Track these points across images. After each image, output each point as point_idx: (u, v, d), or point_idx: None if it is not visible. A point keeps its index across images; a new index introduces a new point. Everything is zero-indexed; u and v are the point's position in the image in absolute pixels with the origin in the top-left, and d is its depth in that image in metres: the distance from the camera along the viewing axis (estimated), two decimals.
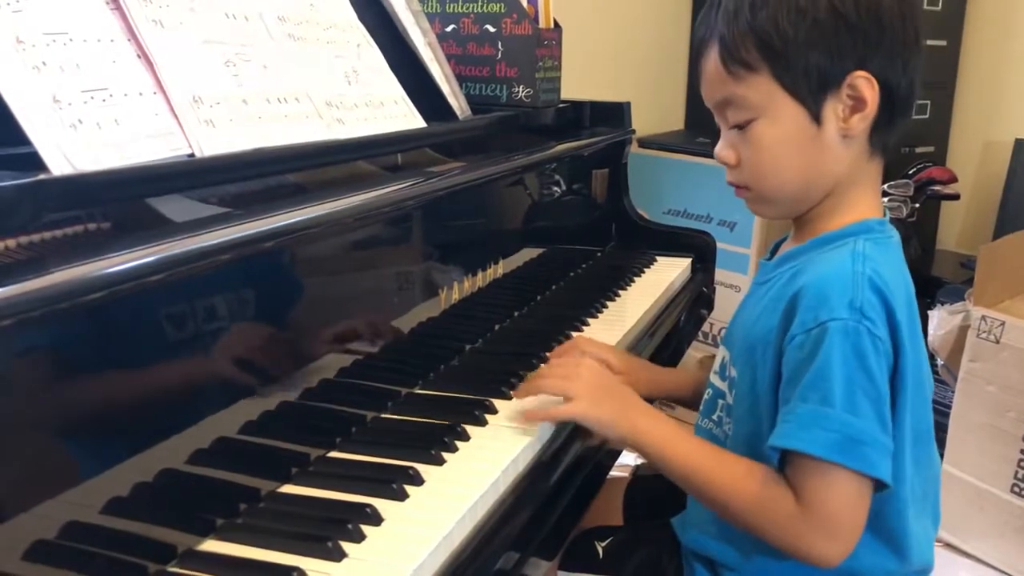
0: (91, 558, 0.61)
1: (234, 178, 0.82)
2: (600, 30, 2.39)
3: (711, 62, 0.85)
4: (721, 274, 2.07)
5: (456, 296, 1.08)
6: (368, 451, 0.84)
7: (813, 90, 0.81)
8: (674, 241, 1.64)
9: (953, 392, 1.88)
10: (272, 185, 0.87)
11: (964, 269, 2.45)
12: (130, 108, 0.73)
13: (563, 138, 1.43)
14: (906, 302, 0.81)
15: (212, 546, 0.69)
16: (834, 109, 0.82)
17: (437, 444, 0.84)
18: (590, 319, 1.26)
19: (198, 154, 0.77)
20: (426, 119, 1.10)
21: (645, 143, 2.52)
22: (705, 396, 0.98)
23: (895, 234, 0.87)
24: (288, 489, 0.78)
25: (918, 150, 2.56)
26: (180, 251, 0.66)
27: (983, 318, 1.79)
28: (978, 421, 1.82)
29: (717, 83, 0.85)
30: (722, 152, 0.88)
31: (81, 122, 0.68)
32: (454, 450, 0.85)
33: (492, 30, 1.41)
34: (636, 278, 1.47)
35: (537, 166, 1.35)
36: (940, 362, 1.94)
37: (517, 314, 1.26)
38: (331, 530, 0.70)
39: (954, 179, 2.44)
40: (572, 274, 1.47)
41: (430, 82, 1.24)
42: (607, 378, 0.93)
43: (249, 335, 0.76)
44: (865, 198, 0.87)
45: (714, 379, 0.96)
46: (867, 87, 0.80)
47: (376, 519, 0.72)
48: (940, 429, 1.27)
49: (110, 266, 0.60)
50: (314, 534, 0.69)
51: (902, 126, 0.85)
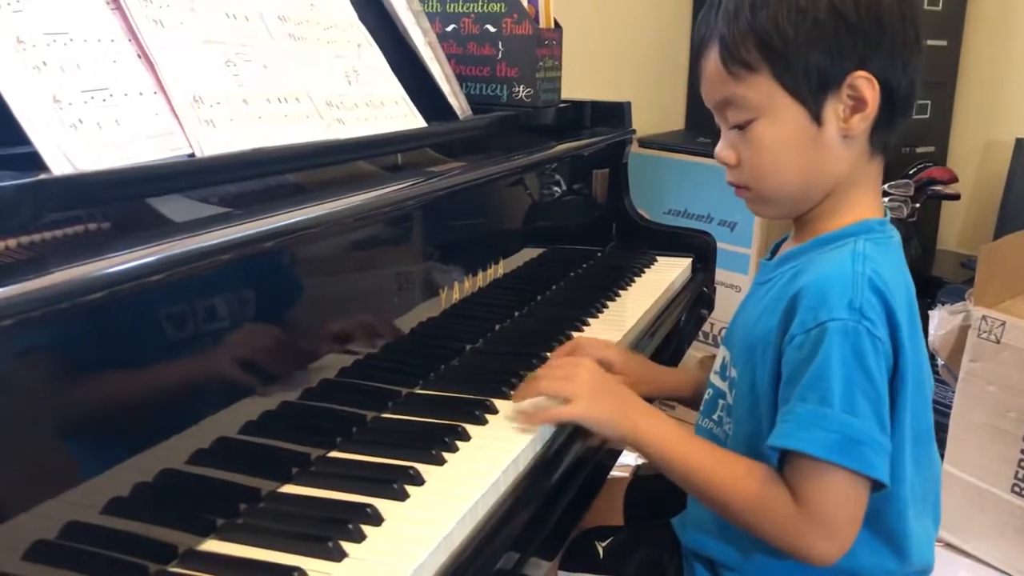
0: (92, 558, 0.61)
1: (234, 178, 0.82)
2: (600, 30, 2.39)
3: (711, 62, 0.85)
4: (721, 274, 2.07)
5: (456, 296, 1.08)
6: (368, 451, 0.84)
7: (813, 90, 0.81)
8: (674, 241, 1.64)
9: (953, 392, 1.88)
10: (272, 185, 0.87)
11: (965, 269, 2.44)
12: (130, 108, 0.73)
13: (563, 138, 1.42)
14: (906, 302, 0.81)
15: (213, 546, 0.69)
16: (834, 109, 0.82)
17: (437, 444, 0.84)
18: (590, 319, 1.26)
19: (198, 154, 0.77)
20: (426, 119, 1.10)
21: (645, 143, 2.52)
22: (705, 396, 0.98)
23: (896, 234, 0.87)
24: (288, 489, 0.78)
25: (919, 150, 2.55)
26: (180, 251, 0.66)
27: (984, 318, 1.79)
28: (978, 421, 1.82)
29: (717, 83, 0.85)
30: (722, 152, 0.88)
31: (81, 122, 0.68)
32: (454, 450, 0.85)
33: (492, 30, 1.41)
34: (636, 278, 1.47)
35: (537, 166, 1.35)
36: (941, 362, 1.94)
37: (517, 314, 1.26)
38: (331, 530, 0.70)
39: (955, 179, 2.43)
40: (572, 274, 1.47)
41: (430, 82, 1.24)
42: (606, 378, 0.93)
43: (249, 335, 0.76)
44: (865, 198, 0.87)
45: (714, 379, 0.96)
46: (867, 87, 0.80)
47: (377, 519, 0.72)
48: (940, 429, 1.27)
49: (110, 266, 0.60)
50: (314, 534, 0.69)
51: (902, 126, 0.85)
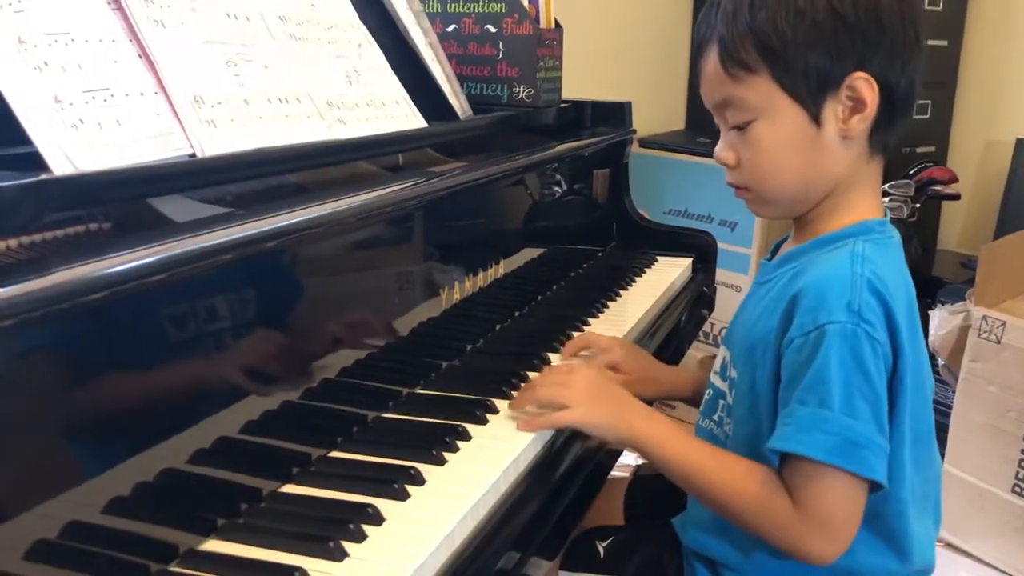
0: (93, 558, 0.61)
1: (235, 178, 0.82)
2: (601, 30, 2.39)
3: (710, 63, 0.85)
4: (722, 274, 2.07)
5: (457, 296, 1.08)
6: (369, 451, 0.84)
7: (812, 91, 0.81)
8: (675, 241, 1.64)
9: (954, 392, 1.88)
10: (273, 185, 0.87)
11: (965, 269, 2.44)
12: (131, 108, 0.73)
13: (564, 138, 1.43)
14: (906, 303, 0.81)
15: (214, 546, 0.69)
16: (833, 110, 0.82)
17: (438, 444, 0.84)
18: (591, 319, 1.26)
19: (199, 154, 0.77)
20: (427, 119, 1.10)
21: (646, 143, 2.52)
22: (705, 396, 0.98)
23: (895, 234, 0.87)
24: (289, 489, 0.78)
25: (919, 150, 2.55)
26: (181, 251, 0.66)
27: (984, 318, 1.79)
28: (979, 421, 1.82)
29: (716, 84, 0.85)
30: (722, 153, 0.88)
31: (82, 122, 0.68)
32: (455, 450, 0.85)
33: (493, 30, 1.41)
34: (637, 278, 1.47)
35: (538, 166, 1.35)
36: (941, 362, 1.94)
37: (518, 314, 1.26)
38: (332, 530, 0.70)
39: (955, 179, 2.43)
40: (573, 274, 1.47)
41: (431, 82, 1.24)
42: (602, 383, 0.93)
43: (250, 335, 0.76)
44: (865, 198, 0.87)
45: (714, 379, 0.96)
46: (866, 88, 0.80)
47: (377, 519, 0.72)
48: (941, 429, 1.27)
49: (111, 266, 0.60)
50: (315, 534, 0.69)
51: (902, 126, 0.85)
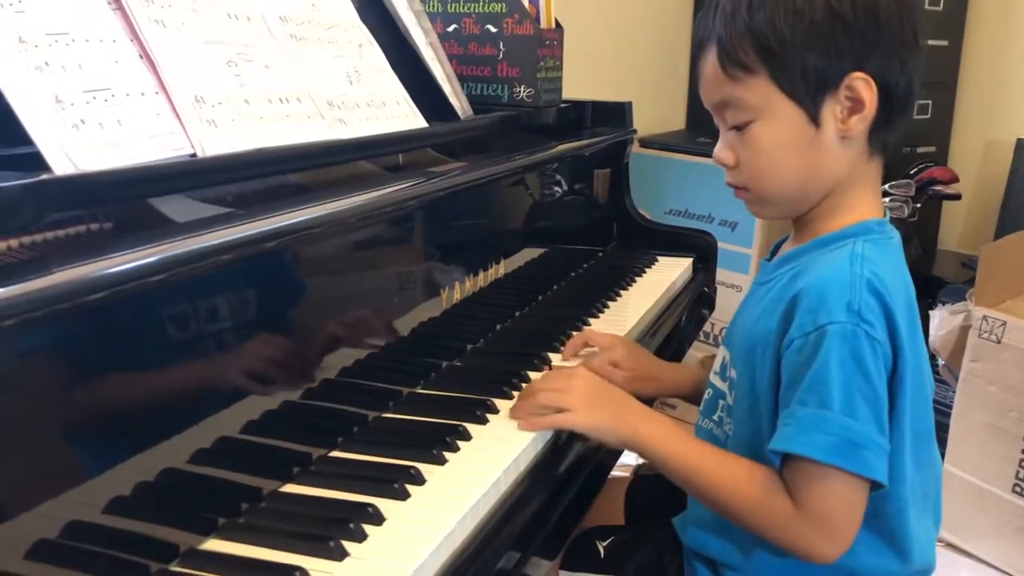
0: (93, 557, 0.61)
1: (236, 178, 0.82)
2: (602, 30, 2.39)
3: (709, 64, 0.85)
4: (722, 274, 2.07)
5: (457, 296, 1.08)
6: (370, 451, 0.84)
7: (811, 92, 0.81)
8: (675, 241, 1.64)
9: (954, 392, 1.88)
10: (274, 185, 0.87)
11: (965, 269, 2.44)
12: (132, 108, 0.73)
13: (564, 138, 1.43)
14: (905, 304, 0.81)
15: (214, 545, 0.69)
16: (832, 110, 0.81)
17: (439, 444, 0.84)
18: (591, 319, 1.26)
19: (200, 154, 0.77)
20: (428, 119, 1.10)
21: (646, 143, 2.52)
22: (705, 396, 0.98)
23: (895, 234, 0.87)
24: (290, 488, 0.78)
25: (919, 150, 2.55)
26: (182, 251, 0.66)
27: (984, 318, 1.79)
28: (979, 421, 1.82)
29: (715, 85, 0.85)
30: (720, 153, 0.88)
31: (83, 122, 0.68)
32: (456, 449, 0.85)
33: (493, 30, 1.41)
34: (637, 278, 1.47)
35: (538, 166, 1.35)
36: (941, 362, 1.94)
37: (518, 314, 1.26)
38: (333, 529, 0.70)
39: (955, 179, 2.43)
40: (573, 274, 1.47)
41: (432, 82, 1.24)
42: (602, 386, 0.93)
43: (251, 335, 0.76)
44: (865, 198, 0.87)
45: (714, 379, 0.96)
46: (865, 88, 0.80)
47: (378, 518, 0.72)
48: (942, 429, 1.27)
49: (112, 266, 0.60)
50: (316, 533, 0.69)
51: (901, 126, 0.85)
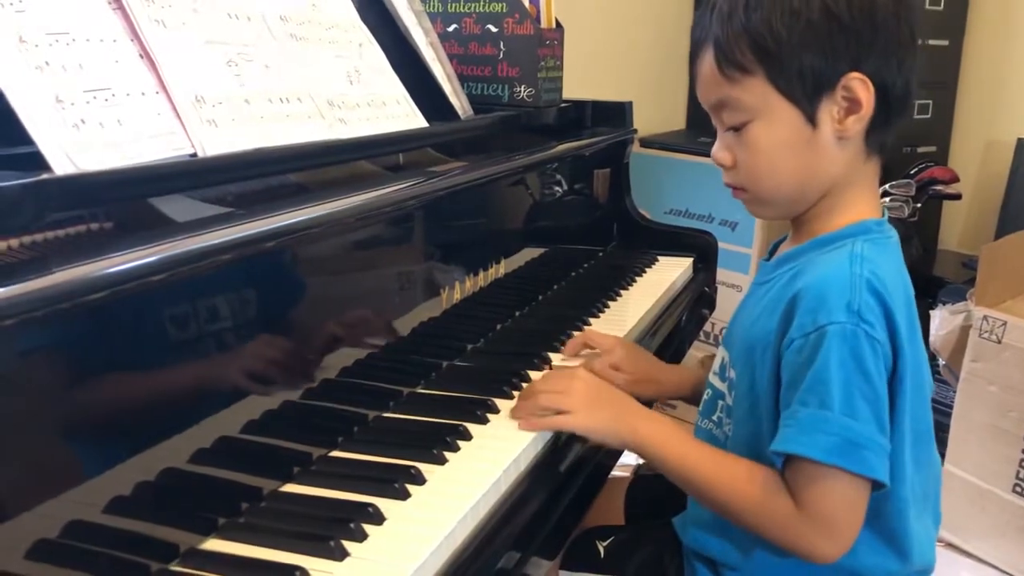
0: (94, 557, 0.61)
1: (236, 178, 0.82)
2: (602, 30, 2.39)
3: (706, 64, 0.85)
4: (723, 274, 2.07)
5: (458, 296, 1.08)
6: (370, 450, 0.84)
7: (808, 92, 0.81)
8: (676, 241, 1.64)
9: (955, 392, 1.88)
10: (274, 185, 0.87)
11: (966, 269, 2.44)
12: (132, 108, 0.73)
13: (565, 138, 1.43)
14: (905, 303, 0.81)
15: (214, 545, 0.69)
16: (829, 111, 0.81)
17: (439, 443, 0.84)
18: (592, 319, 1.26)
19: (200, 154, 0.77)
20: (428, 119, 1.10)
21: (647, 143, 2.52)
22: (704, 397, 0.98)
23: (894, 234, 0.87)
24: (290, 488, 0.78)
25: (920, 150, 2.55)
26: (182, 251, 0.66)
27: (985, 318, 1.79)
28: (980, 421, 1.82)
29: (712, 85, 0.85)
30: (718, 154, 0.88)
31: (84, 122, 0.68)
32: (456, 449, 0.85)
33: (494, 30, 1.41)
34: (638, 278, 1.47)
35: (539, 166, 1.35)
36: (942, 362, 1.94)
37: (518, 314, 1.26)
38: (333, 529, 0.70)
39: (956, 179, 2.43)
40: (574, 274, 1.47)
41: (432, 82, 1.24)
42: (602, 387, 0.93)
43: (251, 335, 0.76)
44: (863, 198, 0.87)
45: (713, 380, 0.96)
46: (862, 88, 0.80)
47: (378, 518, 0.72)
48: (942, 429, 1.27)
49: (112, 266, 0.60)
50: (316, 533, 0.69)
51: (899, 126, 0.85)
